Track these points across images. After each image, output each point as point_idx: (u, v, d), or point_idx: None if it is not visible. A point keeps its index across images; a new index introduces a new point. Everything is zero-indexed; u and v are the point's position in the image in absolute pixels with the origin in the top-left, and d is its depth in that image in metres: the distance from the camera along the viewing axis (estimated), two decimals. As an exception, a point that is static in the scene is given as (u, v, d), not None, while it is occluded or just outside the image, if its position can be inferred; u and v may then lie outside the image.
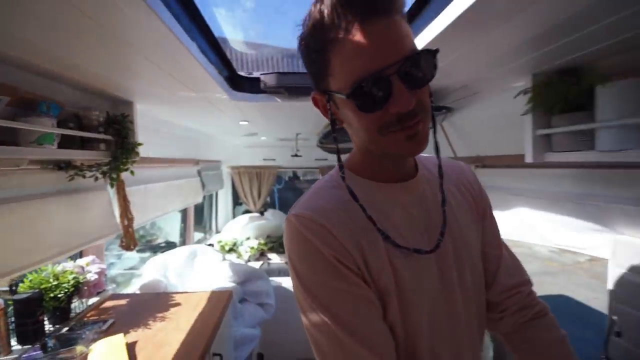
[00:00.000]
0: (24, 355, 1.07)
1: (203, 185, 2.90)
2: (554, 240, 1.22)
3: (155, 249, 3.04)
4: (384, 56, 0.43)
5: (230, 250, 2.90)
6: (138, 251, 2.74)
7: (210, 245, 2.99)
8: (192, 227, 3.01)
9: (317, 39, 0.46)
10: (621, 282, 0.96)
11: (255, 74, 1.39)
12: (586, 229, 1.08)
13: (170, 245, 2.93)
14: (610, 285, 1.01)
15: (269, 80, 1.34)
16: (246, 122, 2.03)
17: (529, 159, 0.98)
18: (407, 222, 0.53)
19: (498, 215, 1.52)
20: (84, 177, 1.19)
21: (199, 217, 3.63)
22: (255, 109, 1.65)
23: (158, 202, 1.98)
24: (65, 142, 1.01)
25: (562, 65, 0.89)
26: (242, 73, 1.37)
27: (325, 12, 0.44)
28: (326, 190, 0.55)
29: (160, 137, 1.93)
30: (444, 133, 1.68)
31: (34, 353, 1.08)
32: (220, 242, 2.97)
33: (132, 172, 1.33)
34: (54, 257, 1.07)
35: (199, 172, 2.87)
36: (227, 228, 3.51)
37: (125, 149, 1.22)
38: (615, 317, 0.92)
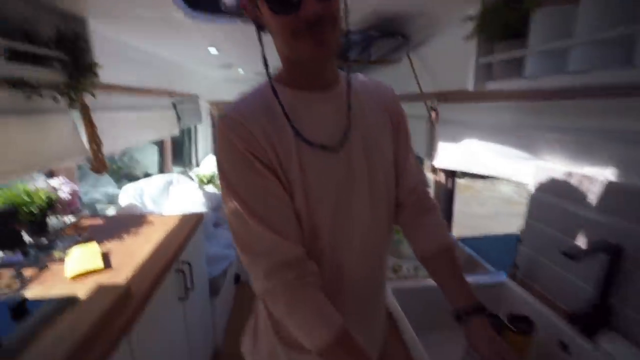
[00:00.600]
0: (6, 259, 1.18)
1: (179, 118, 2.88)
2: (492, 169, 1.34)
3: (134, 180, 3.12)
4: None
5: (209, 182, 3.00)
6: (116, 181, 2.81)
7: (189, 177, 3.08)
8: (169, 160, 3.06)
9: None
10: (534, 201, 1.10)
11: (215, -7, 1.32)
12: (517, 158, 1.19)
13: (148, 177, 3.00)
14: (529, 205, 1.15)
15: (228, 0, 1.28)
16: (215, 49, 1.97)
17: (470, 87, 1.03)
18: (319, 124, 0.61)
19: (450, 147, 1.62)
20: (40, 96, 1.19)
21: (179, 152, 3.67)
22: (221, 34, 1.60)
23: (130, 131, 1.99)
24: (17, 57, 1.00)
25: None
26: (199, -10, 1.30)
27: None
28: (252, 95, 0.61)
29: (129, 64, 1.87)
30: (412, 68, 1.69)
31: (15, 258, 1.20)
32: (198, 175, 3.05)
33: (93, 95, 1.33)
34: (18, 172, 1.13)
35: (174, 105, 2.83)
36: (206, 161, 3.56)
37: (79, 69, 1.21)
38: (522, 229, 1.08)
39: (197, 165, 3.75)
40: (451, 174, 1.81)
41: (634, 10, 0.60)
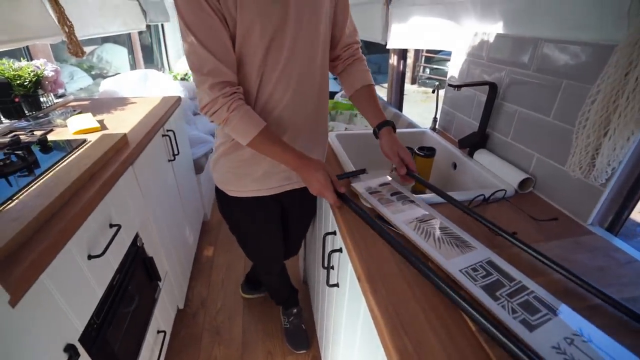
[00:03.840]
0: (15, 124, 1.40)
1: (144, 13, 2.80)
2: (430, 42, 1.55)
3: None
4: None
5: (182, 79, 3.08)
6: (91, 78, 2.86)
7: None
8: (140, 59, 3.07)
9: None
10: (452, 64, 1.35)
11: None
12: (447, 28, 1.40)
13: (123, 77, 3.04)
14: (449, 68, 1.40)
15: None
16: None
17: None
18: None
19: (400, 28, 1.77)
20: (6, -34, 1.24)
21: (149, 56, 3.60)
22: None
23: (96, 19, 2.02)
24: None
25: None
26: None
27: None
28: None
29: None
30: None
31: (22, 123, 1.42)
32: (172, 72, 3.11)
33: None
34: (4, 42, 1.26)
35: (137, -3, 2.72)
36: (179, 63, 3.55)
37: None
38: (437, 83, 1.36)
39: (169, 68, 3.74)
40: (402, 55, 2.01)
41: None
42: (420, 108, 7.62)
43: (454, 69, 1.37)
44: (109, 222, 1.01)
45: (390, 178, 1.00)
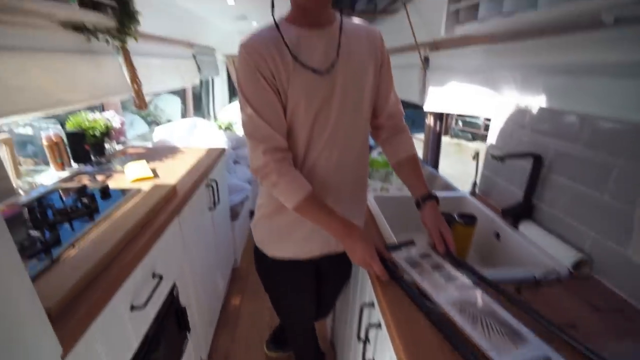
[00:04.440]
0: (81, 168, 1.55)
1: (199, 69, 3.14)
2: (469, 108, 1.58)
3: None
4: None
5: (226, 129, 3.31)
6: (147, 124, 3.16)
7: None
8: (191, 108, 3.37)
9: None
10: (493, 131, 1.36)
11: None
12: (485, 95, 1.43)
13: (174, 124, 3.34)
14: (490, 135, 1.41)
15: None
16: (232, 1, 2.17)
17: (443, 32, 1.26)
18: (313, 53, 0.83)
19: (437, 91, 1.84)
20: (97, 38, 1.48)
21: (198, 104, 3.96)
22: (238, -14, 1.80)
23: (160, 76, 2.28)
24: (82, 3, 1.28)
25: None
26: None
27: None
28: (265, 29, 0.84)
29: (156, 14, 2.11)
30: (407, 17, 1.87)
31: (87, 167, 1.57)
32: (217, 122, 3.36)
33: (135, 38, 1.61)
34: (87, 100, 1.45)
35: (194, 56, 3.07)
36: (223, 112, 3.86)
37: (127, 15, 1.48)
38: (477, 151, 1.36)
39: (215, 117, 4.05)
40: (439, 118, 2.05)
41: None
42: (453, 160, 7.55)
43: (494, 136, 1.38)
44: (152, 272, 1.05)
45: (431, 248, 0.98)
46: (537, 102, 1.14)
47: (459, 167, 6.95)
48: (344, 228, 0.84)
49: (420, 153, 2.33)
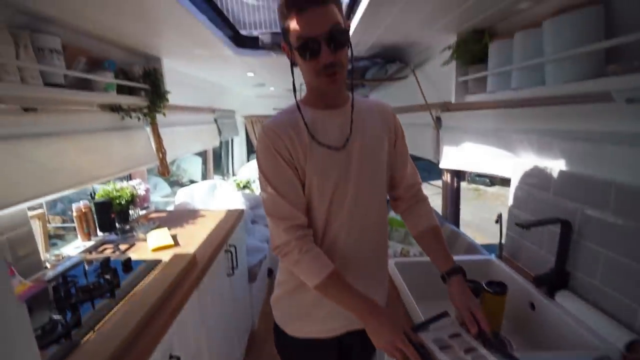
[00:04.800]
0: (106, 237, 1.60)
1: (219, 131, 3.33)
2: (485, 167, 1.58)
3: (182, 185, 3.60)
4: (317, 29, 0.74)
5: (244, 187, 3.40)
6: (169, 186, 3.30)
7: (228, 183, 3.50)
8: (211, 168, 3.51)
9: (284, 13, 0.78)
10: (514, 191, 1.34)
11: (255, 33, 1.71)
12: (501, 156, 1.43)
13: (193, 184, 3.47)
14: (510, 196, 1.38)
15: (265, 38, 1.66)
16: (252, 74, 2.37)
17: (453, 99, 1.31)
18: (329, 132, 0.87)
19: (452, 150, 1.87)
20: (130, 117, 1.62)
21: (218, 162, 4.14)
22: (258, 62, 1.98)
23: (183, 142, 2.43)
24: (119, 90, 1.42)
25: (475, 27, 1.17)
26: (244, 32, 1.69)
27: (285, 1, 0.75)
28: (284, 113, 0.90)
29: (182, 88, 2.32)
30: (417, 82, 1.97)
31: (112, 236, 1.62)
32: (235, 180, 3.47)
33: (164, 114, 1.75)
34: (119, 173, 1.55)
35: (216, 120, 3.28)
36: (241, 170, 3.99)
37: (158, 96, 1.62)
38: (500, 213, 1.32)
39: (233, 174, 4.20)
40: (456, 174, 2.05)
41: (542, 49, 0.87)
42: (472, 206, 7.37)
43: (514, 198, 1.35)
44: (170, 354, 1.01)
45: (461, 326, 0.91)
46: (556, 165, 1.13)
47: (479, 214, 6.77)
48: (369, 308, 0.80)
49: (437, 202, 2.29)
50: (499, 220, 1.32)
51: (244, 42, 1.70)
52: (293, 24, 0.75)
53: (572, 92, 0.80)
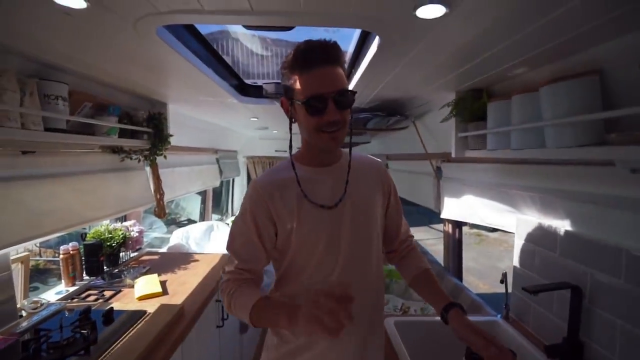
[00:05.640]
0: (91, 282, 1.52)
1: (220, 172, 3.34)
2: (487, 220, 1.54)
3: (179, 224, 3.54)
4: (326, 87, 0.76)
5: (242, 228, 3.33)
6: (165, 225, 3.23)
7: (226, 224, 3.44)
8: (210, 208, 3.47)
9: (293, 69, 0.79)
10: (518, 248, 1.29)
11: (259, 83, 1.77)
12: (503, 211, 1.40)
13: (191, 222, 3.40)
14: (515, 252, 1.33)
15: (269, 88, 1.71)
16: (256, 119, 2.42)
17: (453, 154, 1.31)
18: (322, 190, 0.85)
19: (453, 201, 1.83)
20: (130, 159, 1.62)
21: (218, 201, 4.10)
22: (261, 109, 2.03)
23: (183, 183, 2.42)
24: (122, 133, 1.43)
25: (474, 86, 1.21)
26: (248, 82, 1.75)
27: (300, 55, 0.76)
28: (274, 170, 0.89)
29: (186, 129, 2.36)
30: (417, 132, 2.00)
31: (98, 281, 1.54)
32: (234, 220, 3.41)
33: (165, 157, 1.76)
34: (112, 215, 1.51)
35: (218, 160, 3.31)
36: (241, 210, 3.94)
37: (160, 139, 1.64)
38: (505, 272, 1.26)
39: (232, 214, 4.15)
40: (457, 225, 2.00)
41: (540, 111, 0.88)
42: (475, 252, 7.17)
43: (519, 257, 1.30)
44: None
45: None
46: (562, 225, 1.09)
47: (481, 260, 6.56)
48: (290, 307, 0.74)
49: (438, 248, 2.21)
50: (504, 280, 1.25)
51: (248, 91, 1.75)
52: (301, 80, 0.76)
53: (574, 157, 0.79)
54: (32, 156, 1.12)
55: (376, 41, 0.89)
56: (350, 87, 1.36)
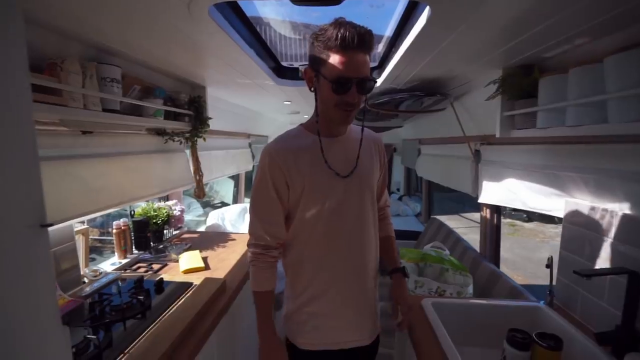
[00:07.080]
0: (140, 256, 1.64)
1: (253, 156, 3.42)
2: (530, 204, 1.48)
3: (214, 207, 3.68)
4: (354, 71, 0.81)
5: (274, 211, 3.41)
6: (201, 206, 3.38)
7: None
8: (243, 191, 3.58)
9: (328, 46, 0.80)
10: (566, 233, 1.23)
11: (296, 65, 1.77)
12: (550, 194, 1.34)
13: (224, 205, 3.54)
14: (562, 237, 1.27)
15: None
16: (289, 102, 2.43)
17: (498, 134, 1.25)
18: (336, 159, 0.92)
19: (492, 185, 1.77)
20: (173, 141, 1.69)
21: (248, 185, 4.22)
22: (296, 91, 2.03)
23: (219, 166, 2.51)
24: (166, 116, 1.50)
25: (523, 62, 1.14)
26: (285, 64, 1.76)
27: (339, 36, 0.78)
28: (289, 137, 0.95)
29: (221, 113, 2.42)
30: (455, 114, 1.93)
31: (146, 255, 1.65)
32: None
33: (204, 139, 1.82)
34: (157, 194, 1.60)
35: (250, 145, 3.38)
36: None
37: (201, 122, 1.70)
38: (550, 256, 1.20)
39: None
40: (496, 210, 1.93)
41: (602, 85, 0.82)
42: (509, 242, 6.91)
43: (566, 241, 1.23)
44: (194, 384, 0.98)
45: None
46: (619, 208, 1.02)
47: (516, 251, 6.33)
48: (269, 337, 0.96)
49: (471, 237, 2.16)
50: (550, 264, 1.20)
51: (284, 73, 1.76)
52: (335, 59, 0.80)
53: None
54: (90, 136, 1.21)
55: (425, 14, 0.86)
56: (390, 66, 1.33)
